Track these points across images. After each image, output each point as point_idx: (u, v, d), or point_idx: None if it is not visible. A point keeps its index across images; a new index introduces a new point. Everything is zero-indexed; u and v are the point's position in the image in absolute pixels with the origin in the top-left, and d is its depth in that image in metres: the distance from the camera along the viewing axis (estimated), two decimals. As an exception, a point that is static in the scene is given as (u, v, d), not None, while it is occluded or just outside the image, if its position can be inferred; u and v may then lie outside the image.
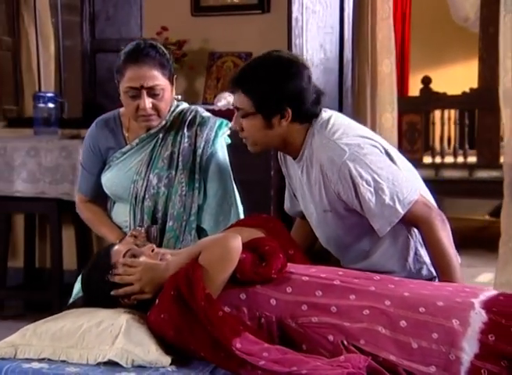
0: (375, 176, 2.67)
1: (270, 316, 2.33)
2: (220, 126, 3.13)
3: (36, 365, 2.34)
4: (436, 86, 8.59)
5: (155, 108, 2.98)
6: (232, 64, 4.91)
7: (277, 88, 2.70)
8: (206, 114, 3.16)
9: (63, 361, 2.35)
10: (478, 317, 2.19)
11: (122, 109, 3.14)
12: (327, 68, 4.94)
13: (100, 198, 3.29)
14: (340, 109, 5.03)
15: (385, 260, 2.80)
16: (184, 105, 3.20)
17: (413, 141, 7.84)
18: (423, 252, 2.79)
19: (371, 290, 2.34)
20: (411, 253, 2.80)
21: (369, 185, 2.66)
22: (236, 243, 2.41)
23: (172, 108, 3.12)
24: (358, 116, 5.13)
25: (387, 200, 2.66)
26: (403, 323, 2.21)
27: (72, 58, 5.75)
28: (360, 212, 2.73)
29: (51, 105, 5.14)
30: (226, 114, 3.29)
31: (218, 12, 4.99)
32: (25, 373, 2.31)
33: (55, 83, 5.83)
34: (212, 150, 3.11)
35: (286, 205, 3.16)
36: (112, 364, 2.30)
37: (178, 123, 3.12)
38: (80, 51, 5.57)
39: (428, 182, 2.99)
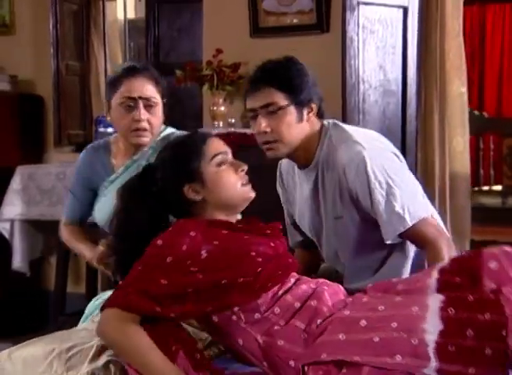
0: (389, 181, 2.64)
1: None
2: None
3: (5, 388, 2.33)
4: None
5: (149, 122, 2.96)
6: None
7: (308, 81, 2.75)
8: None
9: (33, 387, 2.32)
10: (436, 298, 2.11)
11: (112, 137, 3.16)
12: (387, 90, 4.71)
13: (82, 225, 3.21)
14: (403, 134, 4.81)
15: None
16: (170, 130, 3.16)
17: (514, 167, 7.37)
18: None
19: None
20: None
21: (382, 187, 2.62)
22: None
23: (160, 132, 3.09)
24: (424, 140, 4.85)
25: (397, 207, 2.61)
26: (363, 323, 2.12)
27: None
28: (372, 216, 2.67)
29: (110, 129, 5.10)
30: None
31: (278, 33, 4.87)
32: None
33: (124, 108, 5.81)
34: None
35: (289, 242, 3.02)
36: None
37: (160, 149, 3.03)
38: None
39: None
